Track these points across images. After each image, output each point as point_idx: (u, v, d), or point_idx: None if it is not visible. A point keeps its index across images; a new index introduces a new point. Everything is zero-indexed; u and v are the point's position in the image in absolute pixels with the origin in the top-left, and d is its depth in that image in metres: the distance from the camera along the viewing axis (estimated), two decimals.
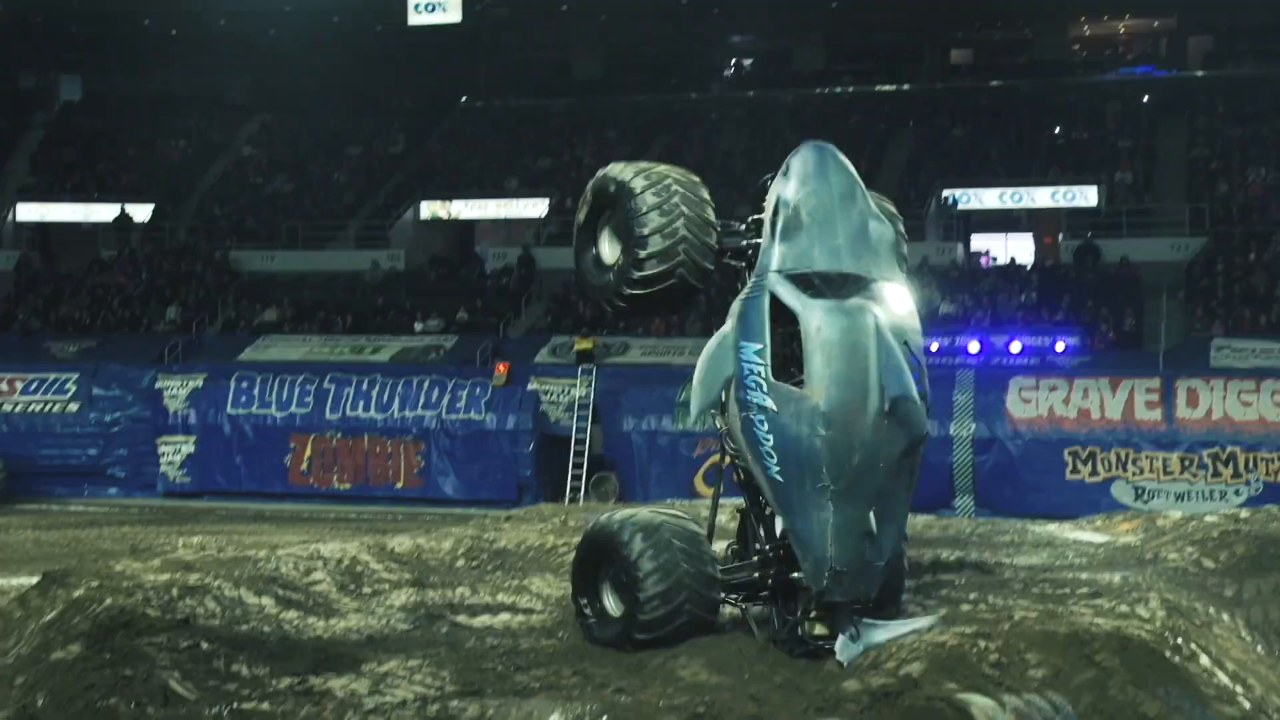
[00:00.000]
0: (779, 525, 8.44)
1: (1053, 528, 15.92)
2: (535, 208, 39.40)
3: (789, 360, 8.37)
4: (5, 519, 22.87)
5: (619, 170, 8.83)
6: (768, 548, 8.59)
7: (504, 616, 9.43)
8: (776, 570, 8.55)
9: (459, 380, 25.97)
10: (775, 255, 8.43)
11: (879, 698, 6.69)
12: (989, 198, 37.26)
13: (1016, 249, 37.87)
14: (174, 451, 26.36)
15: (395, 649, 8.36)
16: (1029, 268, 34.12)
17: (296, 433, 25.84)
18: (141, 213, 42.35)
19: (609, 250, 8.89)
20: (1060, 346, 27.67)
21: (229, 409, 26.22)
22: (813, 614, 8.24)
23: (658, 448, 23.81)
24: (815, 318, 8.17)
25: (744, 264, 8.89)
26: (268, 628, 8.83)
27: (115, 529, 21.29)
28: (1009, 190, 36.95)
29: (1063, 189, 36.38)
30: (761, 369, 8.16)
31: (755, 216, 8.90)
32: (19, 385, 27.41)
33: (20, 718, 7.01)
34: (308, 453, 25.69)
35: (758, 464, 8.22)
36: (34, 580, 10.75)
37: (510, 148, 42.52)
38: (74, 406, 27.06)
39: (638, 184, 8.62)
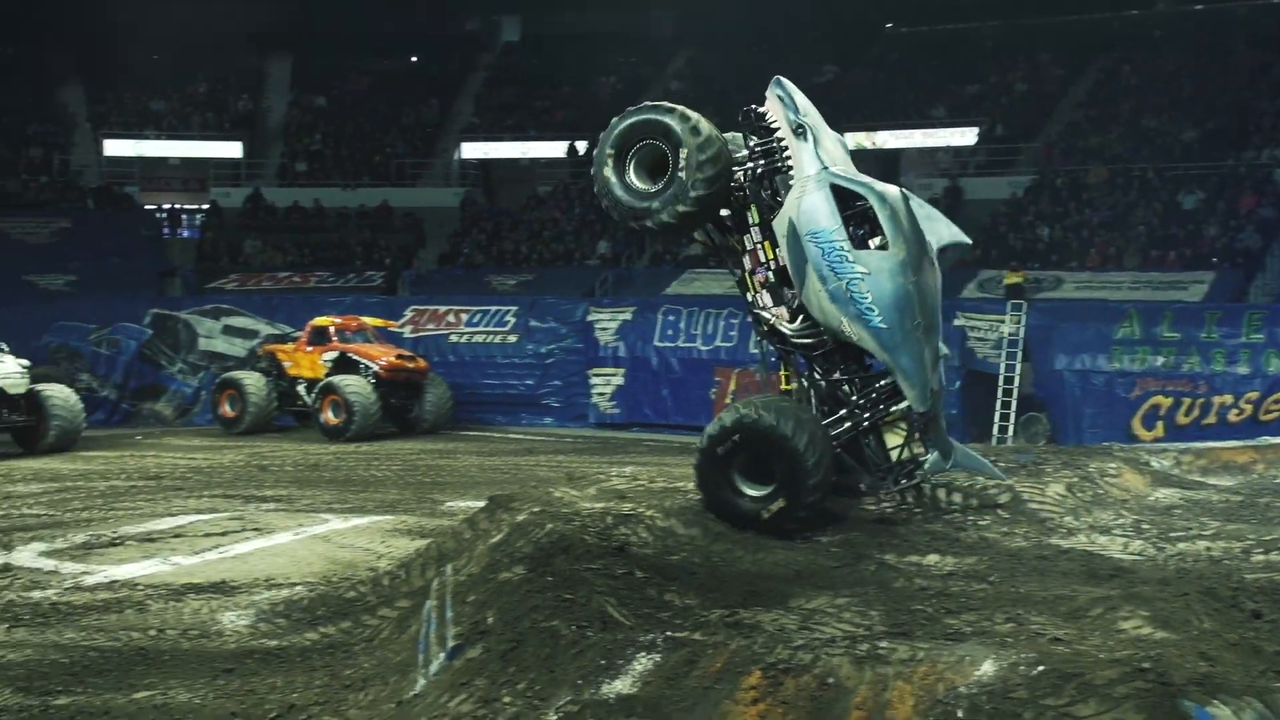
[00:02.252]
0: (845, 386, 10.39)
1: None
2: (963, 136, 38.22)
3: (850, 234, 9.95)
4: (453, 445, 24.29)
5: (671, 106, 10.19)
6: (857, 398, 10.35)
7: (932, 557, 9.19)
8: (873, 412, 10.33)
9: None
10: (815, 159, 10.11)
11: None
12: None
13: None
14: (604, 383, 27.26)
15: (822, 586, 8.30)
16: None
17: (721, 366, 26.17)
18: (582, 149, 44.10)
19: (638, 177, 10.20)
20: None
21: (656, 342, 26.83)
22: (916, 437, 10.39)
23: (1091, 388, 22.58)
24: (876, 192, 9.96)
25: (745, 191, 10.37)
26: (697, 559, 8.96)
27: (551, 457, 22.21)
28: None
29: None
30: (843, 244, 9.84)
31: (758, 144, 10.36)
32: (464, 317, 28.90)
33: (473, 633, 7.39)
34: (732, 386, 25.97)
35: (858, 321, 9.89)
36: (480, 504, 11.41)
37: (937, 74, 41.39)
38: (513, 338, 28.26)
39: (703, 125, 9.95)
